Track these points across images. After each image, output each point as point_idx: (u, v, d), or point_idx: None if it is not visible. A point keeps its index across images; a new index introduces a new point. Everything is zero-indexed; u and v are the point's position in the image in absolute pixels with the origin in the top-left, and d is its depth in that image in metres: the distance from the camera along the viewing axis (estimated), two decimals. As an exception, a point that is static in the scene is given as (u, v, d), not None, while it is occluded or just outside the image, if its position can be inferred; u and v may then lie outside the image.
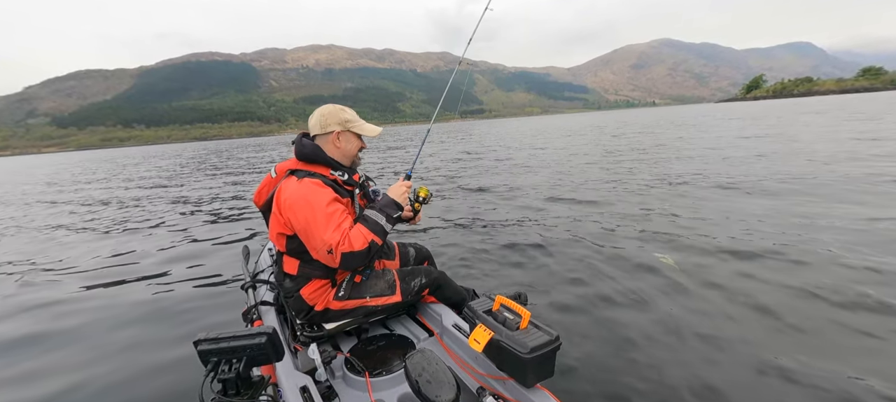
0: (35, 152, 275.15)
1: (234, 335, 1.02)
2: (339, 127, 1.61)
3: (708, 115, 36.77)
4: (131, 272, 3.82)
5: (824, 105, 34.40)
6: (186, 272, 3.70)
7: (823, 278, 2.63)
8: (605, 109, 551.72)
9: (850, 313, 2.23)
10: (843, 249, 3.05)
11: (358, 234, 1.46)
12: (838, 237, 3.30)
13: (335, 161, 1.63)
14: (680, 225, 4.01)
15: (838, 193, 4.80)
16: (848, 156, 7.38)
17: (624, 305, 2.49)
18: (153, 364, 2.22)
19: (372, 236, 1.47)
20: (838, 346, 1.97)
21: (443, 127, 71.54)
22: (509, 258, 3.44)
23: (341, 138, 1.62)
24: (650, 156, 9.82)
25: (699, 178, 6.45)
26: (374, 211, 1.55)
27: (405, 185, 1.65)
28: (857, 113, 19.97)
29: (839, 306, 2.29)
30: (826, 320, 2.17)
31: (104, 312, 2.95)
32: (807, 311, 2.28)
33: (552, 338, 1.23)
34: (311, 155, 1.59)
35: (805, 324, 2.15)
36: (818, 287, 2.50)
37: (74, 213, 7.74)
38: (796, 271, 2.76)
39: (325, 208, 1.45)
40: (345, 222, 1.47)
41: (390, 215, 1.55)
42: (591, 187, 6.35)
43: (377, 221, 1.51)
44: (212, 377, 0.99)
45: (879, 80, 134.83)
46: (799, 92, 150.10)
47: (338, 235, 1.42)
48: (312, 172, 1.56)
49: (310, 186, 1.49)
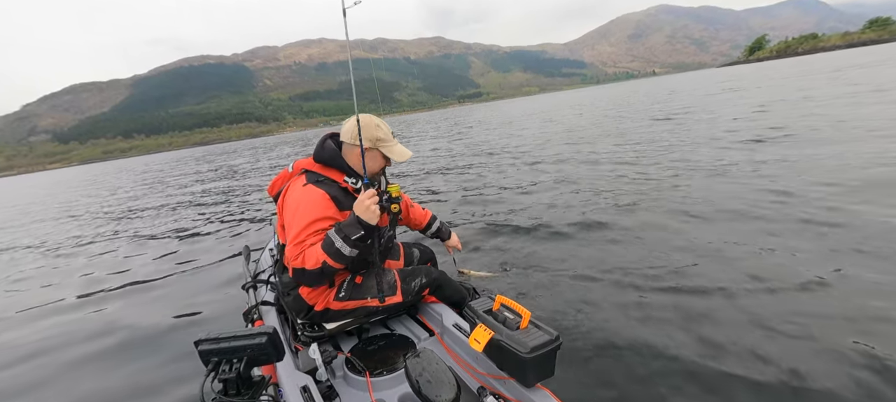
0: (40, 170, 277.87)
1: (234, 334, 1.02)
2: (369, 144, 1.55)
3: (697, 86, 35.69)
4: (131, 272, 3.84)
5: (828, 63, 33.32)
6: (186, 272, 3.70)
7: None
8: (604, 83, 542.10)
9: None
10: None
11: (313, 253, 1.40)
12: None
13: (352, 169, 1.59)
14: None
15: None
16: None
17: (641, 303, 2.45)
18: (153, 364, 2.22)
19: (325, 258, 1.38)
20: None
21: (440, 114, 70.62)
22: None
23: (368, 155, 1.54)
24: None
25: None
26: (334, 232, 1.42)
27: (369, 195, 1.39)
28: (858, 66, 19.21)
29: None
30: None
31: (103, 310, 2.98)
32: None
33: (552, 337, 1.23)
34: (327, 160, 1.58)
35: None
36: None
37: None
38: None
39: (306, 221, 1.43)
40: (309, 240, 1.43)
41: (349, 236, 1.38)
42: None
43: (333, 242, 1.39)
44: (212, 377, 0.99)
45: (887, 30, 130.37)
46: (804, 50, 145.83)
47: (297, 250, 1.41)
48: (323, 178, 1.55)
49: (308, 195, 1.48)
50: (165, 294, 3.24)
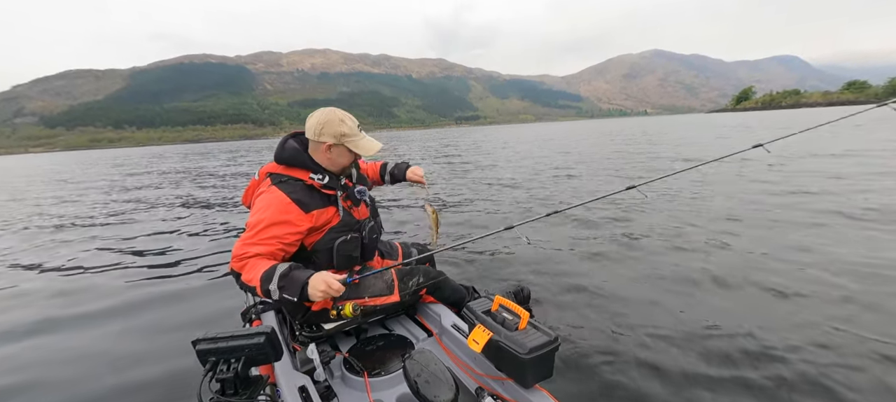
0: (21, 153, 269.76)
1: (232, 334, 1.01)
2: (334, 140, 1.51)
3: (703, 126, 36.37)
4: (130, 273, 3.67)
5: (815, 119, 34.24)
6: (186, 272, 3.59)
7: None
8: (598, 118, 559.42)
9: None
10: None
11: (253, 269, 1.34)
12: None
13: (317, 165, 1.55)
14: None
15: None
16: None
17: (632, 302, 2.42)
18: (152, 364, 2.15)
19: (256, 283, 1.32)
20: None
21: (437, 134, 71.78)
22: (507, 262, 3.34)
23: (333, 151, 1.53)
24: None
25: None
26: (287, 272, 1.32)
27: (335, 286, 1.32)
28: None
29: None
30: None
31: (100, 311, 2.83)
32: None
33: (551, 339, 1.23)
34: (288, 159, 1.52)
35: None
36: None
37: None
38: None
39: (262, 224, 1.40)
40: (259, 247, 1.38)
41: (285, 289, 1.30)
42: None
43: (271, 279, 1.30)
44: (210, 377, 0.98)
45: (864, 93, 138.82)
46: (787, 104, 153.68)
47: (243, 249, 1.38)
48: (286, 178, 1.50)
49: (268, 196, 1.46)
50: (164, 294, 3.13)
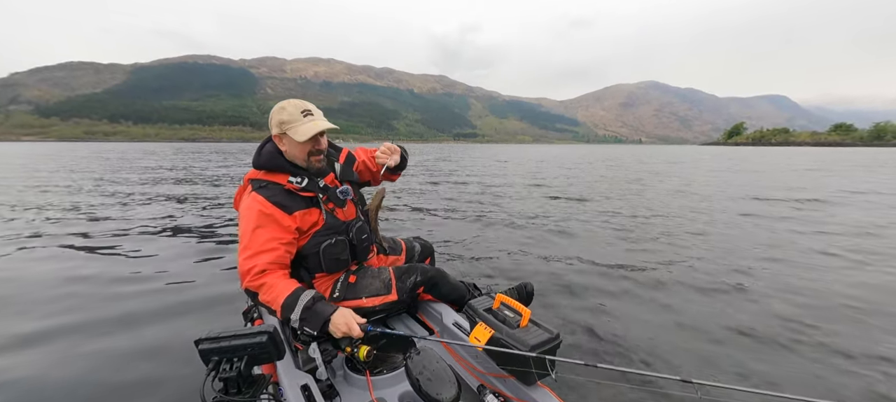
0: (13, 140, 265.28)
1: (234, 334, 1.02)
2: (277, 130, 1.45)
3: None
4: (129, 272, 3.55)
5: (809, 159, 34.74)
6: (185, 271, 3.52)
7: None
8: (594, 143, 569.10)
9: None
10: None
11: (271, 291, 1.34)
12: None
13: (294, 166, 1.50)
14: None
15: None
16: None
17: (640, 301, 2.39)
18: (152, 364, 2.09)
19: (278, 308, 1.33)
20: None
21: (435, 149, 72.23)
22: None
23: (284, 142, 1.47)
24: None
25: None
26: (311, 304, 1.32)
27: (357, 328, 1.30)
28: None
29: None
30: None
31: (97, 312, 2.72)
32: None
33: (553, 336, 1.23)
34: (265, 164, 1.48)
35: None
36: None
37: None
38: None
39: (249, 231, 1.39)
40: (264, 257, 1.37)
41: (307, 321, 1.31)
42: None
43: (294, 307, 1.31)
44: (213, 376, 0.98)
45: (849, 136, 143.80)
46: (776, 141, 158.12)
47: (248, 264, 1.37)
48: (265, 182, 1.47)
49: (250, 204, 1.43)
50: (164, 293, 3.06)
